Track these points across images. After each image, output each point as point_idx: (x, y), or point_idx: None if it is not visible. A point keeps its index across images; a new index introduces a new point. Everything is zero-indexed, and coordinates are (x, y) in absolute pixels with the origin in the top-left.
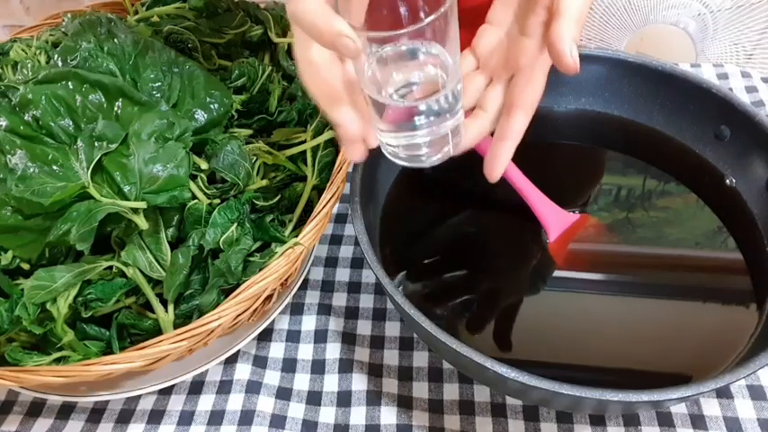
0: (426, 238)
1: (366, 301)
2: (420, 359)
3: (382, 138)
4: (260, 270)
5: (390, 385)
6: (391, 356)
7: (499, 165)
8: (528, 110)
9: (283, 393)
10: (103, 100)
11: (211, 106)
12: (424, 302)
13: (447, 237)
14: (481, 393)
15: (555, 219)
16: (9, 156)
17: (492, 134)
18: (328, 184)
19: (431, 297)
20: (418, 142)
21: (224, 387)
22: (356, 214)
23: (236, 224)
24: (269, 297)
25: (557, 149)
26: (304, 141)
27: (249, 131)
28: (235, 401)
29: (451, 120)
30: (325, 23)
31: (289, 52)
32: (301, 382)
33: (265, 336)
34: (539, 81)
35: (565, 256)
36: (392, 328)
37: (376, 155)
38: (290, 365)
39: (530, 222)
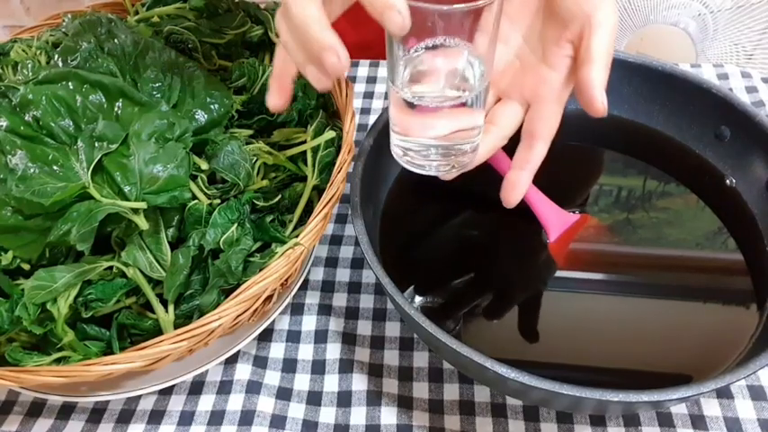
0: (426, 238)
1: (366, 302)
2: (420, 359)
3: (396, 140)
4: (260, 270)
5: (390, 385)
6: (391, 357)
7: (518, 192)
8: (548, 139)
9: (283, 393)
10: (104, 100)
11: (212, 106)
12: (424, 302)
13: (447, 237)
14: (481, 393)
15: (555, 219)
16: (9, 156)
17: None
18: (328, 185)
19: (430, 297)
20: (433, 151)
21: (224, 387)
22: (356, 214)
23: (236, 224)
24: (269, 297)
25: (557, 149)
26: (304, 141)
27: (249, 132)
28: (235, 402)
29: (470, 132)
30: None
31: None
32: (301, 382)
33: (265, 336)
34: (558, 112)
35: (565, 256)
36: (392, 329)
37: (375, 155)
38: (290, 366)
39: (530, 222)
